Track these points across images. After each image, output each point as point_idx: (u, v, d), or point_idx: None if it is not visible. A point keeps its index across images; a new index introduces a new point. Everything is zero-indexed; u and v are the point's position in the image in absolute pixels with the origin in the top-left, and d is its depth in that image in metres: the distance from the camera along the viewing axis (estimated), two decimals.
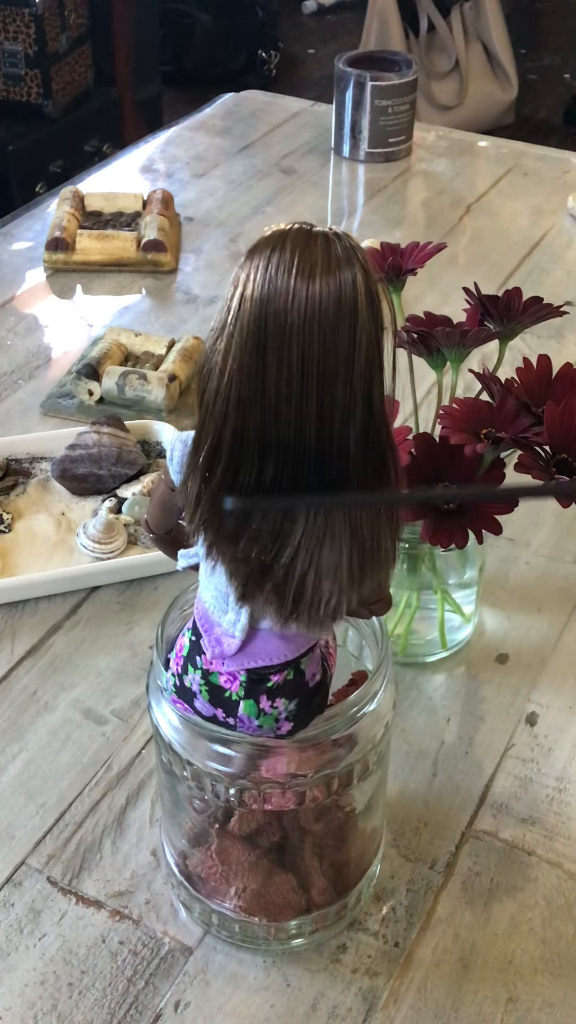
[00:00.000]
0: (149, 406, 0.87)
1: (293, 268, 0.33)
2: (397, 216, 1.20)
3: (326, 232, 0.34)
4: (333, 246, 0.34)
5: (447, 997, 0.51)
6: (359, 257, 0.34)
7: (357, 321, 0.34)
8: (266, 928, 0.51)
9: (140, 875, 0.55)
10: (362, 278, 0.34)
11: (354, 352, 0.34)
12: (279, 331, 0.34)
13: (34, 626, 0.70)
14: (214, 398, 0.35)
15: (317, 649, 0.44)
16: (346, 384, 0.34)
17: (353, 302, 0.34)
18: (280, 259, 0.34)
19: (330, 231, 0.34)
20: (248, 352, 0.34)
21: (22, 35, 2.21)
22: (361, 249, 0.34)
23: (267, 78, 3.39)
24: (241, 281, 0.34)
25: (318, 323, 0.33)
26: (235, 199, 1.22)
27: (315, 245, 0.34)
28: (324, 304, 0.33)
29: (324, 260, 0.34)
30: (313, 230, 0.34)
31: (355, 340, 0.34)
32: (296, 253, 0.34)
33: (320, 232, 0.34)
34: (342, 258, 0.34)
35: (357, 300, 0.34)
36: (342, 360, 0.34)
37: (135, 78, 2.61)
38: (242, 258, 0.34)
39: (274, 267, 0.34)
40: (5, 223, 1.18)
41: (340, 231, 0.34)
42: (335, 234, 0.34)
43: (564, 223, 1.18)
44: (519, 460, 0.52)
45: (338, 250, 0.34)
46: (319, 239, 0.34)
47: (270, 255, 0.34)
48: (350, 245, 0.34)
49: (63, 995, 0.50)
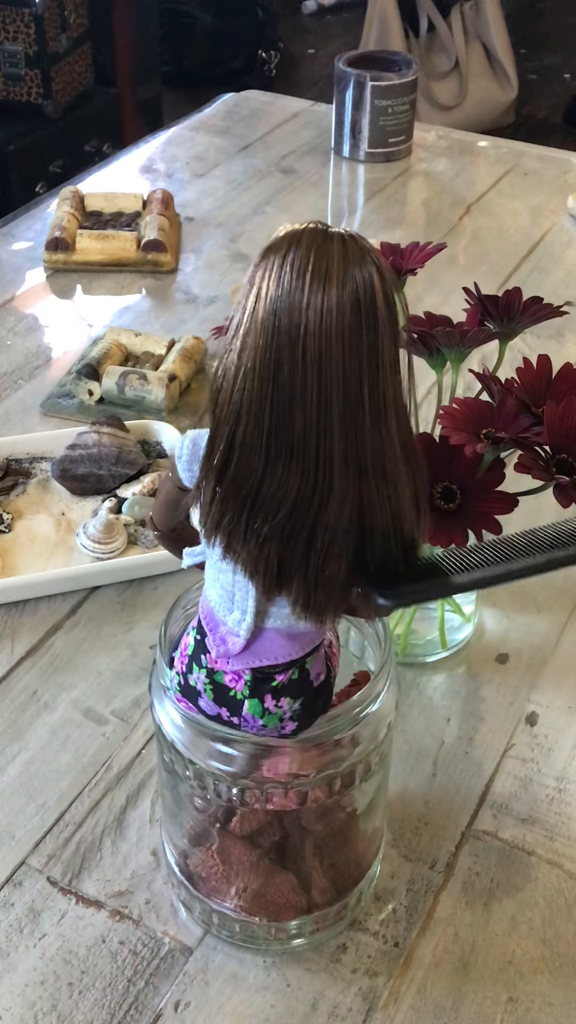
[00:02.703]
0: (149, 406, 0.87)
1: (309, 267, 0.33)
2: (397, 216, 1.20)
3: (341, 233, 0.34)
4: (349, 247, 0.34)
5: (447, 997, 0.51)
6: (374, 258, 0.34)
7: (376, 321, 0.34)
8: (266, 928, 0.51)
9: (140, 875, 0.55)
10: (378, 279, 0.34)
11: (376, 352, 0.34)
12: (294, 331, 0.34)
13: (34, 626, 0.70)
14: (228, 398, 0.35)
15: (322, 649, 0.44)
16: (373, 386, 0.34)
17: (372, 302, 0.34)
18: (296, 258, 0.34)
19: (345, 232, 0.34)
20: (262, 352, 0.34)
21: (22, 35, 2.21)
22: (375, 250, 0.34)
23: (267, 78, 3.39)
24: (256, 280, 0.34)
25: (335, 323, 0.33)
26: (235, 199, 1.22)
27: (331, 245, 0.34)
28: (341, 304, 0.33)
29: (340, 261, 0.34)
30: (329, 231, 0.34)
31: (377, 340, 0.34)
32: (312, 253, 0.34)
33: (336, 232, 0.34)
34: (358, 259, 0.34)
35: (375, 300, 0.34)
36: (365, 360, 0.34)
37: (135, 78, 2.61)
38: (257, 257, 0.34)
39: (289, 266, 0.34)
40: (5, 223, 1.18)
41: (354, 232, 0.34)
42: (350, 235, 0.34)
43: (564, 223, 1.18)
44: (519, 460, 0.52)
45: (353, 251, 0.34)
46: (335, 239, 0.34)
47: (285, 254, 0.34)
48: (365, 246, 0.34)
49: (63, 995, 0.50)
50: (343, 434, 0.35)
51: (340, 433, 0.35)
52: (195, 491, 0.39)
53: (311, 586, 0.38)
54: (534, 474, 0.52)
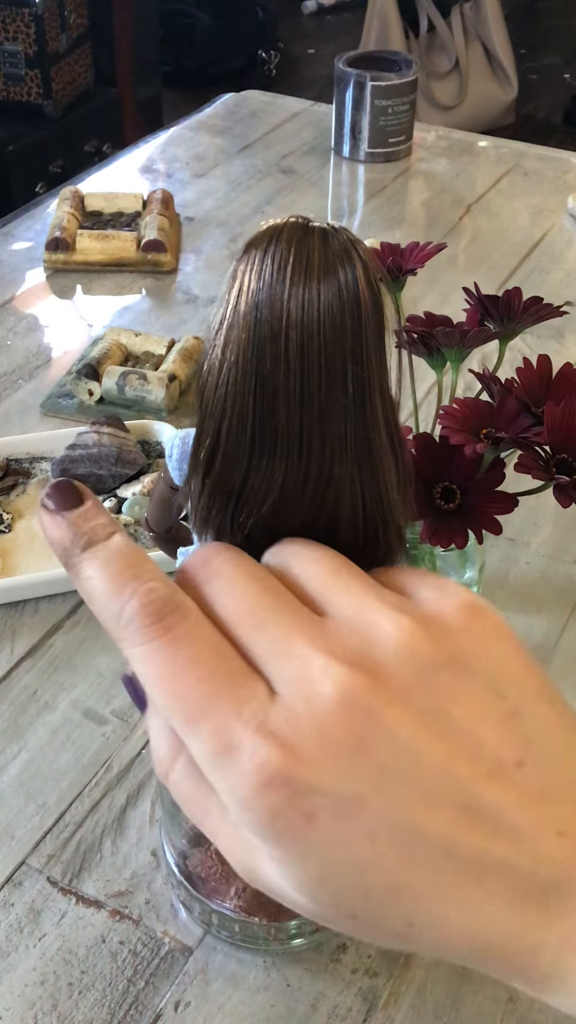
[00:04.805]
0: (149, 406, 0.87)
1: (290, 260, 0.33)
2: (397, 216, 1.20)
3: (323, 226, 0.34)
4: (331, 239, 0.34)
5: (447, 997, 0.51)
6: (358, 251, 0.34)
7: (360, 313, 0.34)
8: (266, 928, 0.51)
9: (140, 875, 0.55)
10: (362, 270, 0.34)
11: (361, 343, 0.34)
12: (276, 323, 0.33)
13: (34, 626, 0.70)
14: (213, 394, 0.35)
15: None
16: (356, 376, 0.34)
17: (355, 293, 0.33)
18: (276, 252, 0.34)
19: (327, 225, 0.34)
20: (245, 345, 0.34)
21: (22, 35, 2.21)
22: (360, 243, 0.34)
23: (267, 78, 3.40)
24: (239, 275, 0.34)
25: (316, 315, 0.33)
26: (235, 199, 1.22)
27: (312, 238, 0.34)
28: (322, 296, 0.33)
29: (322, 253, 0.34)
30: (310, 224, 0.34)
31: (361, 330, 0.34)
32: (293, 246, 0.33)
33: (317, 226, 0.34)
34: (340, 251, 0.34)
35: (358, 291, 0.33)
36: (348, 352, 0.34)
37: (135, 78, 2.62)
38: (239, 252, 0.34)
39: (270, 260, 0.33)
40: (5, 223, 1.18)
41: (338, 225, 0.34)
42: (332, 228, 0.34)
43: (564, 223, 1.18)
44: (519, 460, 0.52)
45: (336, 243, 0.34)
46: (316, 232, 0.34)
47: (267, 248, 0.34)
48: (348, 239, 0.34)
49: (63, 995, 0.50)
50: (327, 426, 0.35)
51: (324, 425, 0.35)
52: (184, 487, 0.39)
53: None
54: (534, 474, 0.52)
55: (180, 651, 0.28)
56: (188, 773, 0.30)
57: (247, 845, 0.29)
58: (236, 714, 0.27)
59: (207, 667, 0.28)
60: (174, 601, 0.29)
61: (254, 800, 0.27)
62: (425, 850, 0.27)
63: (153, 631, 0.28)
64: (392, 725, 0.27)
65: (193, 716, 0.28)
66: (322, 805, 0.27)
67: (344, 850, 0.27)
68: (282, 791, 0.27)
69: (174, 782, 0.31)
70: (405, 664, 0.28)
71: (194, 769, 0.29)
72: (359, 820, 0.27)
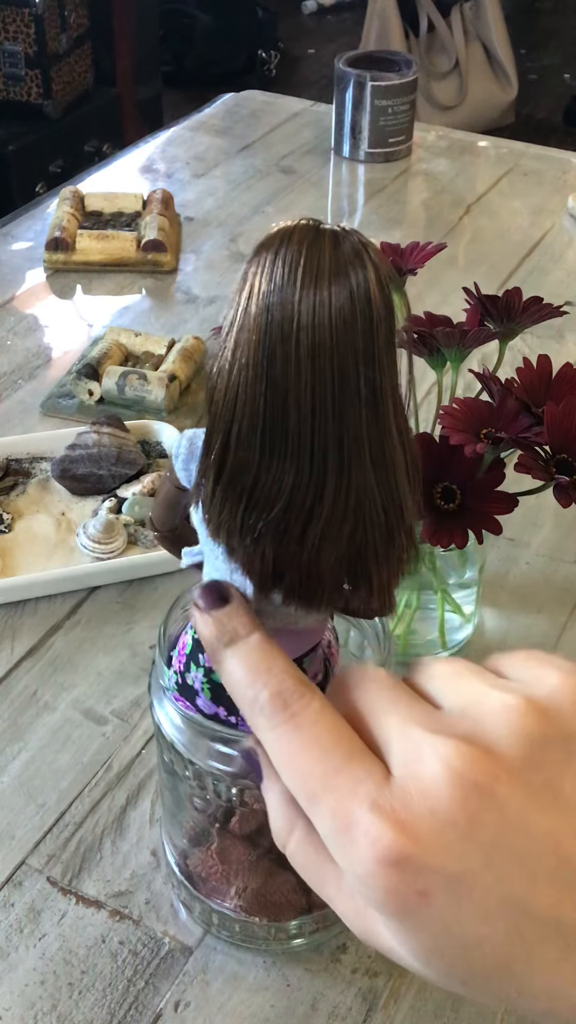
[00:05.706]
0: (149, 406, 0.87)
1: (301, 262, 0.33)
2: (397, 216, 1.20)
3: (334, 228, 0.34)
4: (342, 242, 0.34)
5: (447, 997, 0.51)
6: (369, 253, 0.34)
7: (372, 313, 0.34)
8: (266, 928, 0.51)
9: (140, 875, 0.55)
10: (373, 273, 0.34)
11: (372, 343, 0.34)
12: (287, 325, 0.33)
13: (34, 626, 0.70)
14: (223, 396, 0.35)
15: (319, 648, 0.44)
16: (368, 378, 0.34)
17: (366, 296, 0.33)
18: (288, 254, 0.33)
19: (339, 227, 0.34)
20: (255, 348, 0.34)
21: (22, 35, 2.21)
22: (372, 245, 0.34)
23: (267, 78, 3.40)
24: (249, 277, 0.34)
25: (328, 317, 0.33)
26: (235, 199, 1.22)
27: (323, 240, 0.34)
28: (334, 298, 0.33)
29: (333, 255, 0.33)
30: (321, 226, 0.34)
31: (372, 331, 0.34)
32: (304, 248, 0.33)
33: (328, 228, 0.34)
34: (351, 254, 0.34)
35: (370, 294, 0.33)
36: (360, 353, 0.34)
37: (135, 78, 2.62)
38: (250, 254, 0.34)
39: (281, 262, 0.33)
40: (5, 223, 1.18)
41: (348, 227, 0.34)
42: (344, 230, 0.34)
43: (564, 223, 1.18)
44: (519, 460, 0.52)
45: (346, 245, 0.34)
46: (327, 234, 0.34)
47: (277, 250, 0.34)
48: (360, 241, 0.34)
49: (63, 995, 0.50)
50: (338, 427, 0.35)
51: (335, 427, 0.35)
52: (195, 490, 0.39)
53: (303, 576, 0.38)
54: (534, 474, 0.52)
55: (303, 733, 0.31)
56: (305, 843, 0.32)
57: (364, 913, 0.31)
58: (352, 792, 0.29)
59: (326, 748, 0.31)
60: (299, 690, 0.32)
61: (371, 877, 0.28)
62: (533, 926, 0.28)
63: (281, 717, 0.32)
64: (501, 799, 0.28)
65: (313, 793, 0.30)
66: (435, 882, 0.28)
67: (457, 927, 0.28)
68: (397, 870, 0.28)
69: (291, 852, 0.33)
70: (514, 740, 0.29)
71: (311, 840, 0.32)
72: (470, 897, 0.28)
